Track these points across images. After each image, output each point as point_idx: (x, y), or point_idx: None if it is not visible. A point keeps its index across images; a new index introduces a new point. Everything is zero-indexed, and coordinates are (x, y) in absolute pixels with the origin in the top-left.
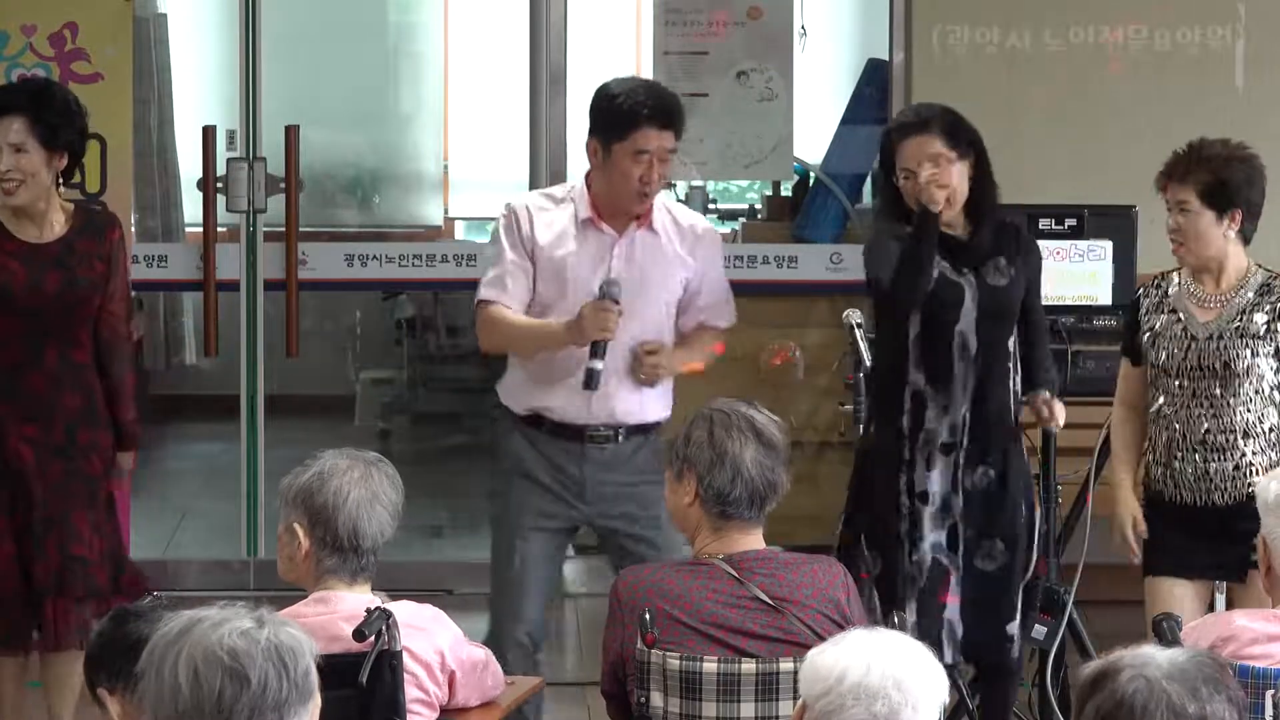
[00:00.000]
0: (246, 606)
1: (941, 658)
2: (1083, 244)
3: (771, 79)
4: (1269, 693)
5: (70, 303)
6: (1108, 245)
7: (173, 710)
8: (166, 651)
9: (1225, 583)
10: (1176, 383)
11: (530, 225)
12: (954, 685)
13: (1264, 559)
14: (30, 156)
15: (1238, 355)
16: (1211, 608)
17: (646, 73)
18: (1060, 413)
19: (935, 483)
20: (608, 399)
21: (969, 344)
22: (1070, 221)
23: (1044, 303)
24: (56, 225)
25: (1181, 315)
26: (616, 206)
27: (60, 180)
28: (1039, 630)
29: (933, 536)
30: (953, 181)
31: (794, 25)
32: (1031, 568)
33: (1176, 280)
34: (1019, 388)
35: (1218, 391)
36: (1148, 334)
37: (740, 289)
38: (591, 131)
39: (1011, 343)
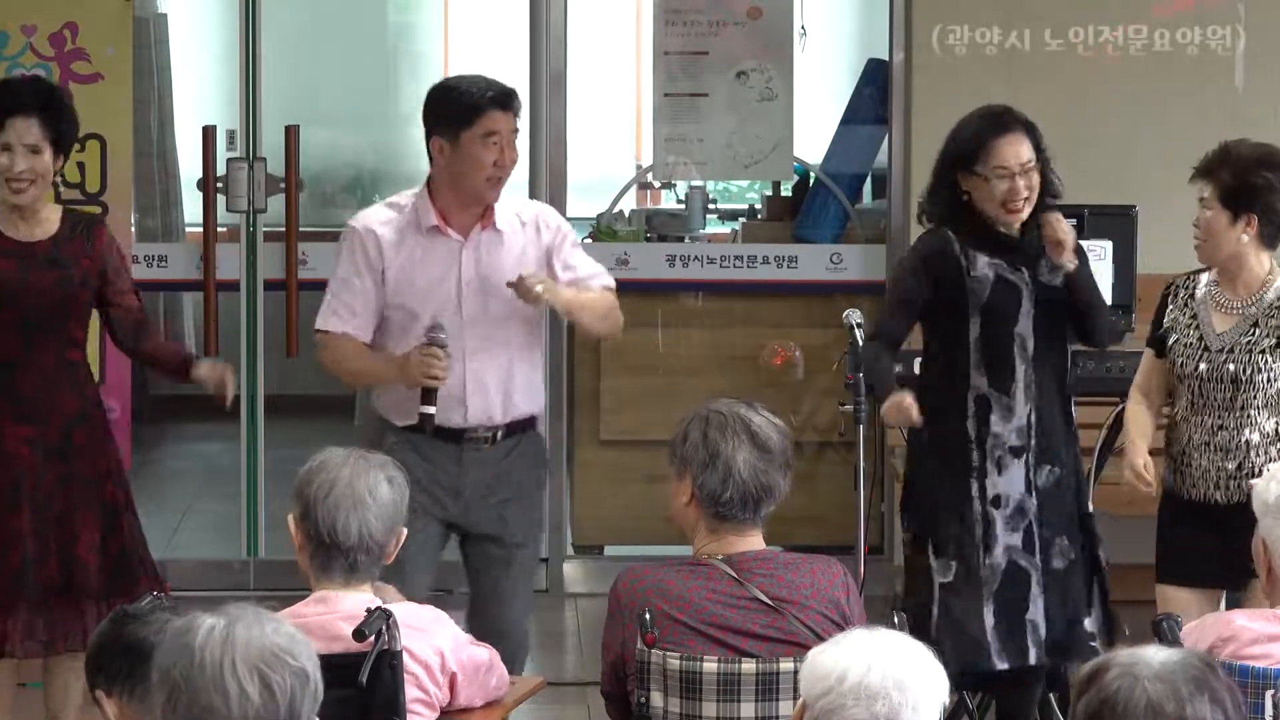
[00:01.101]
0: (248, 605)
1: (1026, 659)
2: (1083, 244)
3: (771, 79)
4: (1269, 693)
5: (63, 300)
6: (1108, 245)
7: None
8: (220, 660)
9: (1230, 591)
10: (1191, 388)
11: (377, 246)
12: (954, 686)
13: (1264, 561)
14: (43, 158)
15: (1247, 369)
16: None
17: (647, 73)
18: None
19: (1008, 486)
20: (481, 404)
21: (1028, 345)
22: (1070, 221)
23: None
24: (46, 224)
25: (1200, 322)
26: (466, 202)
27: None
28: None
29: (1006, 539)
30: (1037, 183)
31: (794, 25)
32: (1101, 560)
33: (1204, 282)
34: (1073, 380)
35: (1230, 399)
36: (1170, 334)
37: (740, 289)
38: (433, 131)
39: (1069, 342)
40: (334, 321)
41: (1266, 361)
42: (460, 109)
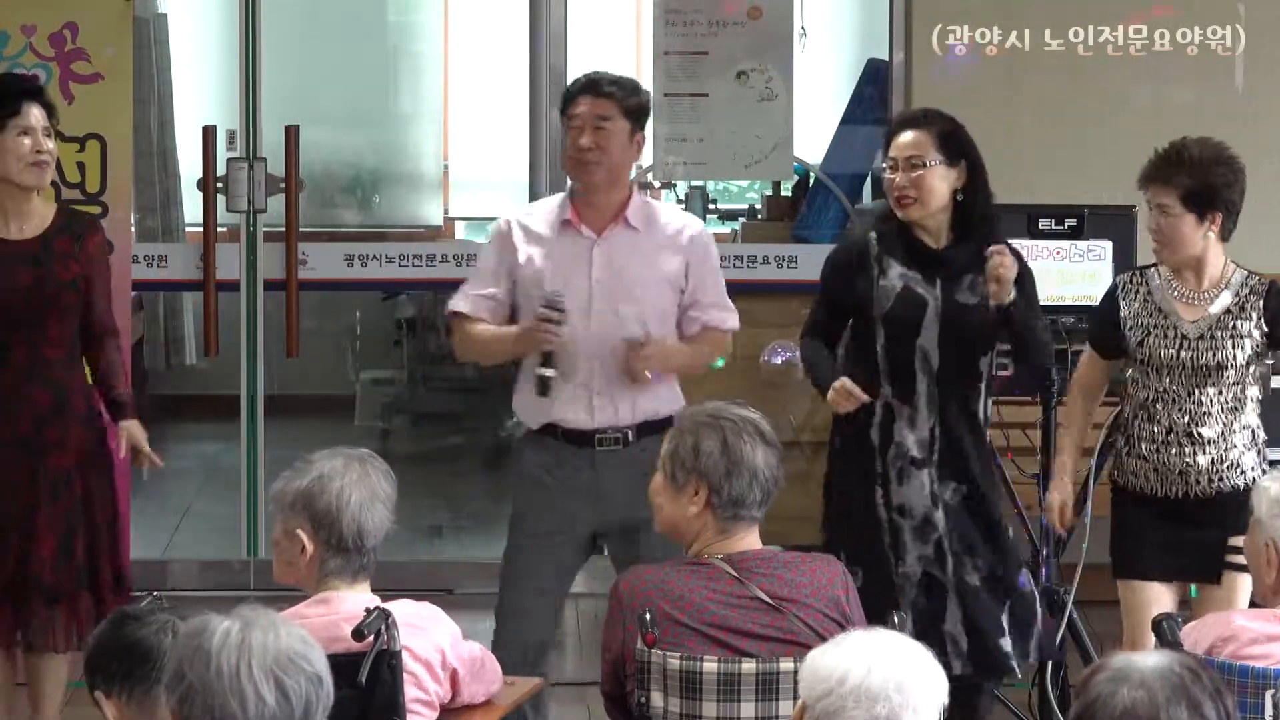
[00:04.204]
0: (260, 607)
1: (950, 671)
2: (1082, 244)
3: (771, 79)
4: (1269, 693)
5: (40, 299)
6: (1107, 245)
7: None
8: (237, 665)
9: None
10: (1167, 379)
11: (512, 238)
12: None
13: (1274, 562)
14: (51, 142)
15: (1229, 353)
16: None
17: (646, 73)
18: (1009, 262)
19: (911, 496)
20: (609, 404)
21: (930, 358)
22: (1070, 221)
23: (1044, 303)
24: (38, 221)
25: (1169, 314)
26: (584, 193)
27: None
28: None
29: (918, 550)
30: (931, 183)
31: (794, 25)
32: (1023, 583)
33: (1157, 278)
34: (988, 412)
35: (1209, 388)
36: (1135, 331)
37: (740, 289)
38: None
39: (984, 364)
40: (463, 303)
41: (1246, 344)
42: (563, 103)
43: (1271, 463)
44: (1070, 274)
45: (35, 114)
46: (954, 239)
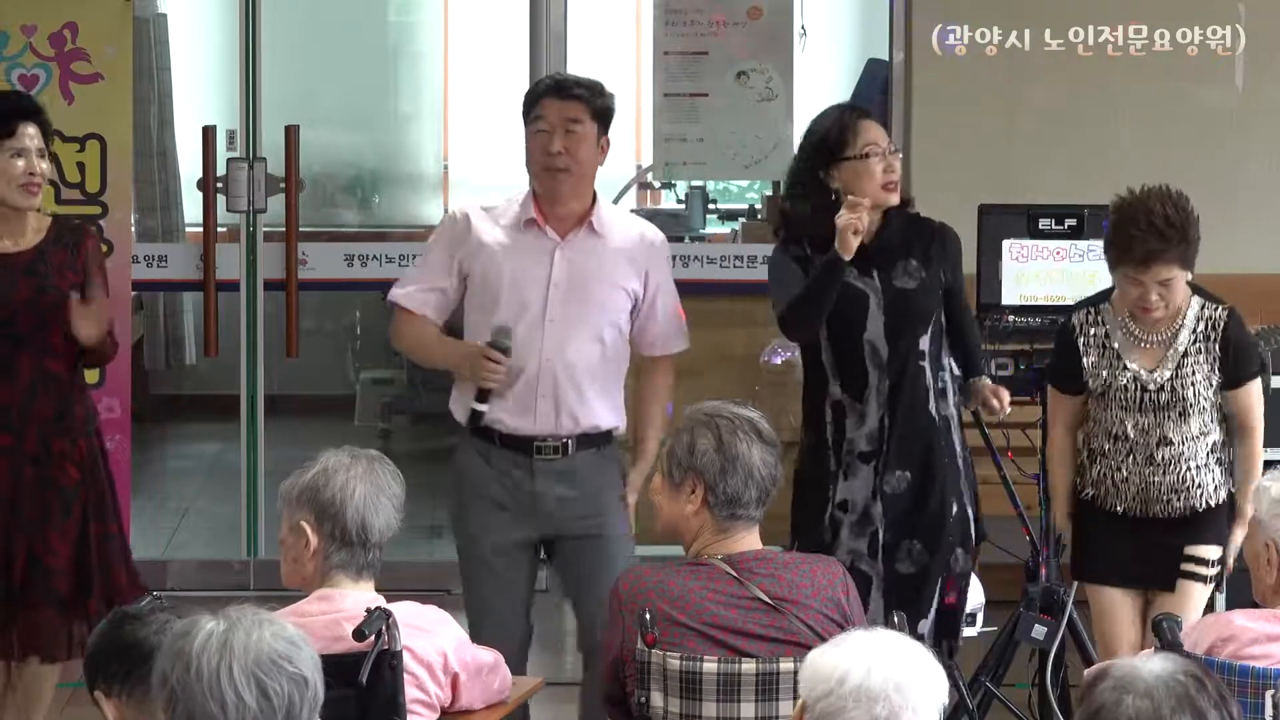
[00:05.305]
0: (250, 607)
1: None
2: (1082, 244)
3: (771, 79)
4: (1269, 693)
5: (41, 310)
6: None
7: None
8: (217, 667)
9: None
10: (1129, 420)
11: (467, 231)
12: (954, 685)
13: (1275, 562)
14: (44, 162)
15: (1190, 402)
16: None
17: (647, 73)
18: (1006, 397)
19: (854, 491)
20: (551, 408)
21: (880, 351)
22: (1070, 221)
23: (1043, 303)
24: (30, 234)
25: (1128, 364)
26: (548, 199)
27: None
28: (1039, 630)
29: (850, 544)
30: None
31: (794, 25)
32: (964, 562)
33: (1110, 312)
34: (943, 384)
35: (1169, 425)
36: (1095, 380)
37: (740, 289)
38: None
39: (924, 341)
40: (405, 298)
41: (1203, 386)
42: (525, 105)
43: (1269, 464)
44: (1070, 274)
45: (30, 134)
46: (881, 224)
